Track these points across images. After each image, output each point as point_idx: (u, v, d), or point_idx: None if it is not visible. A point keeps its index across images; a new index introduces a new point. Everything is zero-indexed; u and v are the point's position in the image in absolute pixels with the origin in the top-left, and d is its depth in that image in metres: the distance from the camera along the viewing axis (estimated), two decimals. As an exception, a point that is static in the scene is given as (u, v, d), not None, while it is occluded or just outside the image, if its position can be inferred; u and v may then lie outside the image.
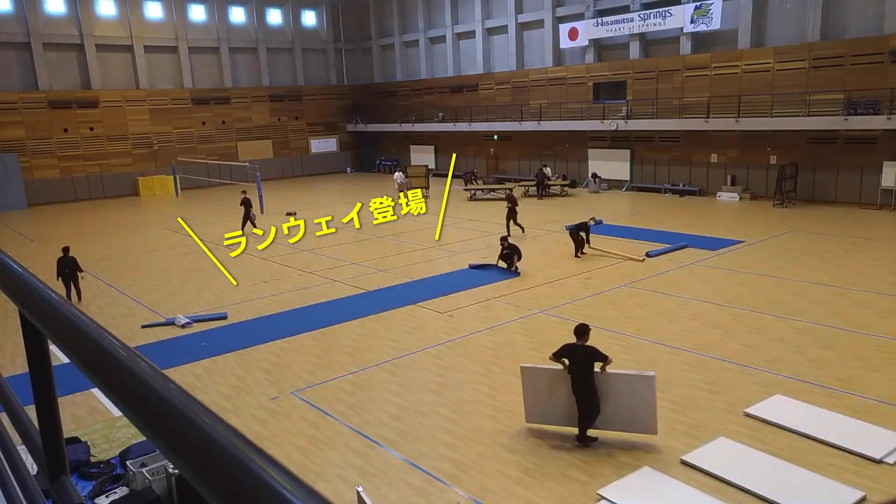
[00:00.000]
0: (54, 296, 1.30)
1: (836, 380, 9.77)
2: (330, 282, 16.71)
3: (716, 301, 13.93)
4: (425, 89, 42.11)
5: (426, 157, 42.21)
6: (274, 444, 8.56)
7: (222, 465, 0.70)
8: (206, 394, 10.24)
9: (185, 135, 39.43)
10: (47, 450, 1.40)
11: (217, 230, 24.78)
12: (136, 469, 7.26)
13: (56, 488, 1.37)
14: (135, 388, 0.89)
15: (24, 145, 34.17)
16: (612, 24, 31.16)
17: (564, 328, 12.60)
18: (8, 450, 1.89)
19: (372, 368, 11.07)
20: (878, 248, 18.26)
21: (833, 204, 25.10)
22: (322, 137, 45.29)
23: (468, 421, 9.00)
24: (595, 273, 16.52)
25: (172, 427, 0.79)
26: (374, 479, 7.69)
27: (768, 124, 25.82)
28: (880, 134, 23.61)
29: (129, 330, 13.62)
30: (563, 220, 22.96)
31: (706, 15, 27.89)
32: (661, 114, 29.59)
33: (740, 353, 10.98)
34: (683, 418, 8.78)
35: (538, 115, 34.12)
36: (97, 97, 36.14)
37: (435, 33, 41.46)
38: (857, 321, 12.32)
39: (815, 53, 25.14)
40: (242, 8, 41.73)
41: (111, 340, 1.03)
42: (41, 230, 27.01)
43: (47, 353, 1.42)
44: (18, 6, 34.00)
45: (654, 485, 7.39)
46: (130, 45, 37.43)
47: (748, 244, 19.02)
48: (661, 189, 30.19)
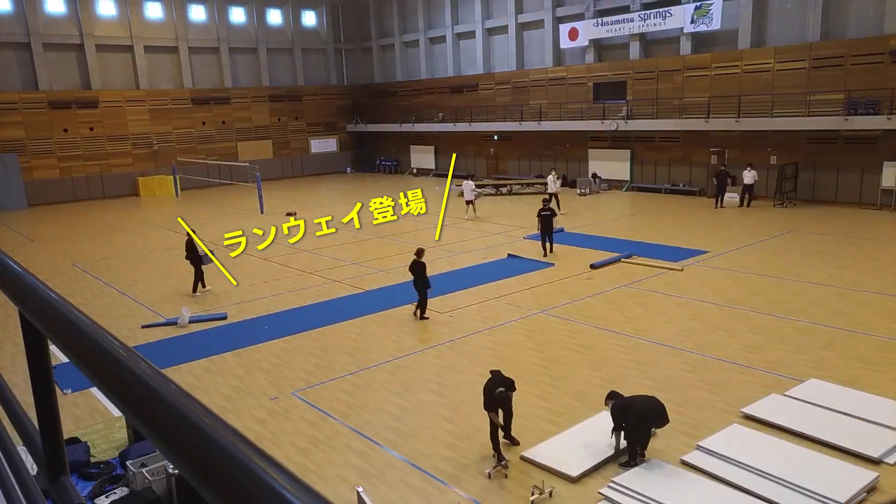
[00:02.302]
0: (54, 296, 1.29)
1: (837, 380, 9.77)
2: (330, 282, 16.71)
3: (716, 301, 13.92)
4: (425, 89, 42.11)
5: (426, 157, 42.25)
6: (274, 445, 8.56)
7: (222, 465, 0.70)
8: (206, 394, 10.24)
9: (185, 135, 39.43)
10: (47, 450, 1.40)
11: (217, 230, 24.80)
12: (136, 469, 7.26)
13: (56, 488, 1.37)
14: (135, 388, 0.89)
15: (24, 145, 34.17)
16: (612, 24, 31.15)
17: (564, 328, 12.62)
18: (8, 450, 1.89)
19: (372, 368, 11.07)
20: (879, 248, 18.26)
21: (833, 204, 25.09)
22: (322, 137, 45.29)
23: (468, 421, 9.00)
24: (595, 273, 16.52)
25: (172, 427, 0.79)
26: (374, 480, 7.69)
27: (768, 124, 25.82)
28: (880, 134, 23.60)
29: (128, 330, 13.62)
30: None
31: (706, 15, 27.88)
32: (661, 114, 29.59)
33: (741, 354, 10.98)
34: (683, 418, 8.78)
35: (538, 115, 34.12)
36: (97, 97, 36.14)
37: (435, 33, 41.46)
38: (857, 321, 12.32)
39: (815, 53, 25.13)
40: (242, 8, 41.73)
41: (111, 340, 1.03)
42: (41, 230, 27.01)
43: (47, 353, 1.41)
44: (18, 6, 33.99)
45: (661, 475, 7.44)
46: (130, 46, 37.43)
47: (749, 245, 19.03)
48: (661, 189, 30.19)
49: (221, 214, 28.90)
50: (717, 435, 8.18)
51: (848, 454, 7.70)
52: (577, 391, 9.79)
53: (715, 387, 9.76)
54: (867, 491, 7.00)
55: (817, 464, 7.44)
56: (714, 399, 9.36)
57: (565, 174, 33.99)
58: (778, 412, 8.74)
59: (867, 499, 6.96)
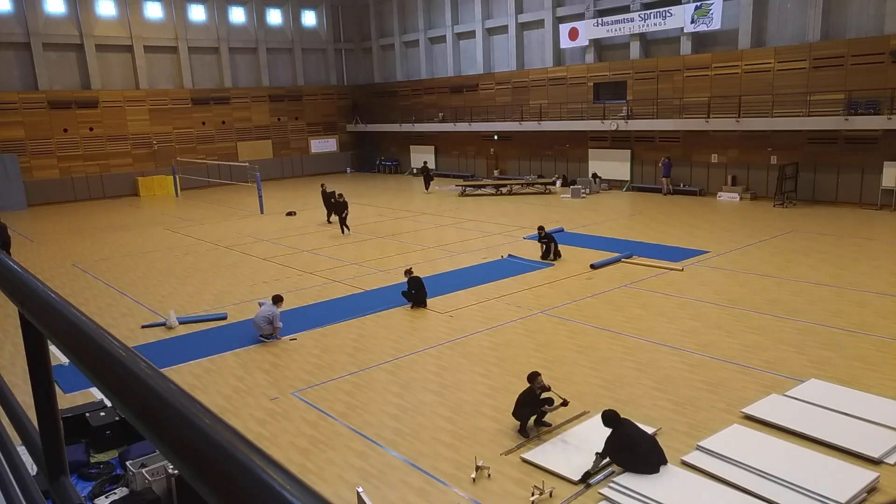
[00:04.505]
0: (54, 296, 1.29)
1: (837, 380, 9.77)
2: (330, 282, 16.71)
3: (716, 301, 13.92)
4: (425, 89, 42.11)
5: (426, 157, 42.26)
6: (274, 445, 8.56)
7: (222, 465, 0.70)
8: (205, 394, 10.24)
9: (185, 135, 39.43)
10: (47, 450, 1.40)
11: (217, 230, 24.80)
12: (136, 469, 7.26)
13: (56, 489, 1.37)
14: (134, 389, 0.89)
15: (23, 145, 34.16)
16: (612, 24, 31.16)
17: (564, 328, 12.62)
18: (8, 450, 1.89)
19: (372, 368, 11.07)
20: (879, 248, 18.25)
21: (833, 204, 25.10)
22: (322, 137, 45.29)
23: (468, 421, 9.00)
24: (595, 273, 16.52)
25: (172, 428, 0.79)
26: (374, 480, 7.69)
27: (769, 124, 25.83)
28: (881, 134, 23.61)
29: (128, 330, 13.62)
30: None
31: (706, 15, 27.89)
32: (661, 114, 29.59)
33: (741, 354, 10.98)
34: (683, 418, 8.78)
35: (538, 115, 34.13)
36: (97, 97, 36.14)
37: (435, 33, 41.46)
38: (857, 321, 12.32)
39: (815, 53, 25.14)
40: (242, 8, 41.73)
41: (111, 340, 1.03)
42: (41, 230, 27.01)
43: (47, 353, 1.41)
44: (18, 6, 34.00)
45: (662, 475, 7.44)
46: (130, 46, 37.43)
47: (749, 245, 19.03)
48: (661, 189, 30.18)
49: (221, 214, 28.90)
50: (717, 435, 8.18)
51: (848, 454, 7.70)
52: (578, 391, 9.78)
53: (715, 387, 9.76)
54: (867, 491, 7.00)
55: (817, 464, 7.44)
56: (714, 399, 9.36)
57: (565, 174, 34.04)
58: (778, 412, 8.74)
59: (867, 499, 6.96)
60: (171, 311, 13.89)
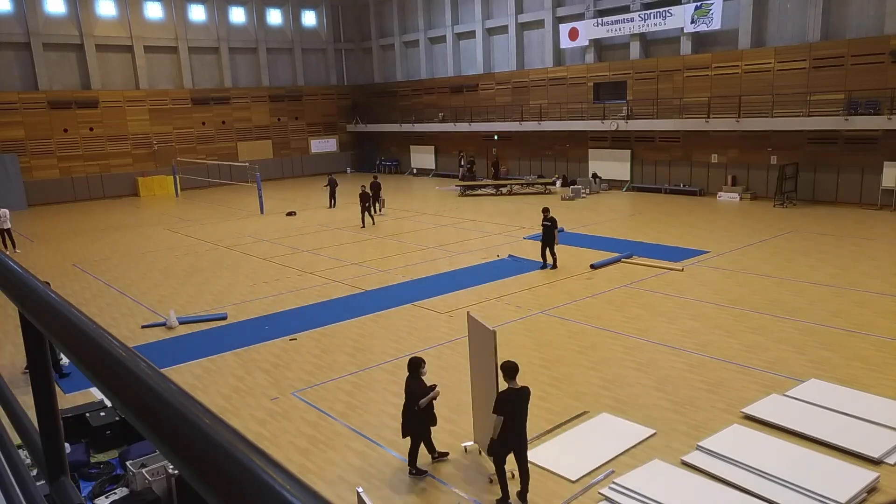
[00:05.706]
0: (54, 296, 1.29)
1: (837, 380, 9.77)
2: (330, 282, 16.71)
3: (716, 301, 13.92)
4: (425, 89, 42.11)
5: (426, 157, 42.27)
6: (274, 445, 8.56)
7: (222, 465, 0.70)
8: (205, 394, 10.24)
9: (185, 135, 39.43)
10: (47, 450, 1.40)
11: (217, 230, 24.80)
12: (136, 470, 7.26)
13: (56, 489, 1.37)
14: (134, 389, 0.89)
15: (23, 145, 34.16)
16: (612, 24, 31.15)
17: (564, 328, 12.62)
18: (8, 450, 1.89)
19: (372, 368, 11.07)
20: (879, 248, 18.25)
21: (833, 204, 25.09)
22: (322, 137, 45.29)
23: (468, 421, 8.99)
24: (595, 273, 16.52)
25: (172, 427, 0.79)
26: (374, 480, 7.69)
27: (769, 124, 25.82)
28: (881, 134, 23.61)
29: (128, 330, 13.62)
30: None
31: (706, 15, 27.88)
32: (661, 114, 29.59)
33: (741, 354, 10.98)
34: (683, 418, 8.78)
35: (538, 115, 34.12)
36: (97, 97, 36.13)
37: (435, 33, 41.45)
38: (857, 321, 12.32)
39: (815, 53, 25.14)
40: (242, 8, 41.72)
41: (111, 340, 1.03)
42: (41, 230, 27.01)
43: (47, 354, 1.41)
44: (18, 6, 33.99)
45: (662, 475, 7.44)
46: (130, 46, 37.43)
47: (749, 245, 19.03)
48: (661, 189, 30.19)
49: (221, 214, 28.90)
50: (717, 435, 8.18)
51: (848, 454, 7.70)
52: (577, 391, 9.78)
53: (715, 387, 9.76)
54: (867, 491, 7.00)
55: (817, 464, 7.44)
56: (714, 399, 9.36)
57: (565, 174, 34.03)
58: (778, 412, 8.74)
59: (867, 499, 6.96)
60: (171, 311, 13.89)
